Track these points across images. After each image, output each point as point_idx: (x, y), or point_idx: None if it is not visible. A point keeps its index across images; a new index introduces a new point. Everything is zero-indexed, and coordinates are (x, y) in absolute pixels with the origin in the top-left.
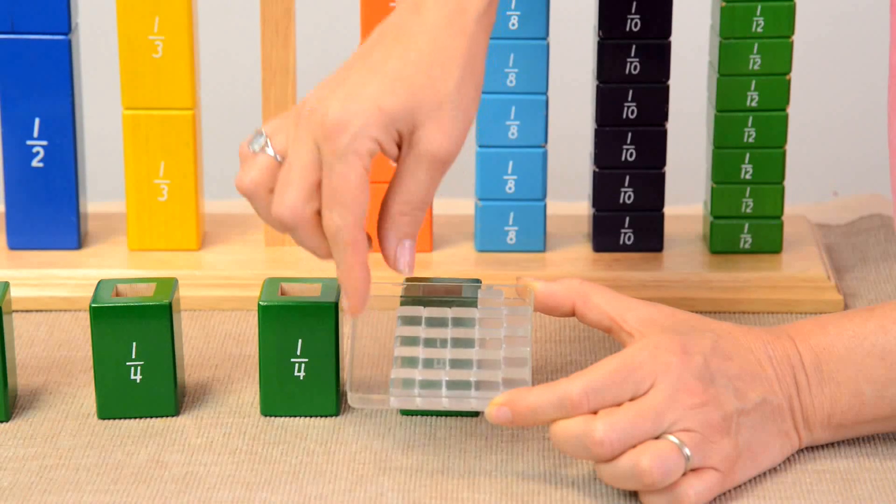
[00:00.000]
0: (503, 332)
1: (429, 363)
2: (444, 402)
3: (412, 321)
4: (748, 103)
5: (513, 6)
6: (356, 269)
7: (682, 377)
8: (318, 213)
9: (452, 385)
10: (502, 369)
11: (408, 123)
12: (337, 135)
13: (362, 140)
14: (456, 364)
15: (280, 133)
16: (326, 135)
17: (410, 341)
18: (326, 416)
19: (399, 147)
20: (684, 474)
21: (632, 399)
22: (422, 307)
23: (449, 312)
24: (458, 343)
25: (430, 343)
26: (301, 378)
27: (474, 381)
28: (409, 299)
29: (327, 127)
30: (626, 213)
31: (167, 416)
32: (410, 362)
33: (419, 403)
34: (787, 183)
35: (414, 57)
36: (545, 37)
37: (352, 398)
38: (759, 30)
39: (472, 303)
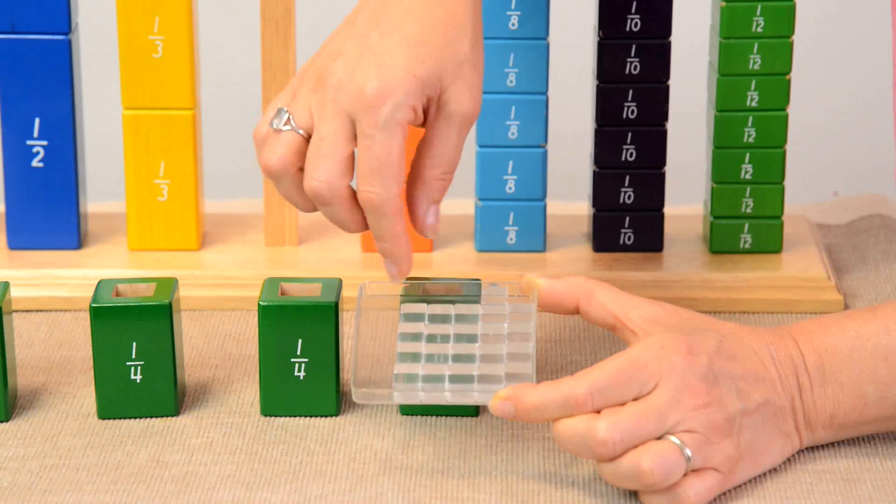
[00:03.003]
0: (506, 329)
1: (431, 358)
2: (447, 395)
3: (415, 318)
4: (748, 103)
5: (513, 6)
6: (403, 237)
7: (686, 378)
8: (351, 185)
9: (455, 379)
10: (505, 364)
11: (436, 88)
12: (378, 106)
13: (404, 109)
14: (458, 359)
15: (299, 108)
16: (365, 107)
17: (413, 337)
18: (326, 416)
19: (425, 113)
20: (685, 475)
21: (636, 398)
22: (425, 304)
23: (452, 309)
24: (461, 339)
25: (432, 339)
26: (301, 378)
27: (477, 375)
28: (411, 297)
29: (366, 99)
30: (626, 213)
31: (167, 416)
32: (413, 358)
33: (422, 398)
34: (787, 183)
35: (429, 21)
36: (545, 37)
37: (356, 393)
38: (759, 30)
39: (475, 299)
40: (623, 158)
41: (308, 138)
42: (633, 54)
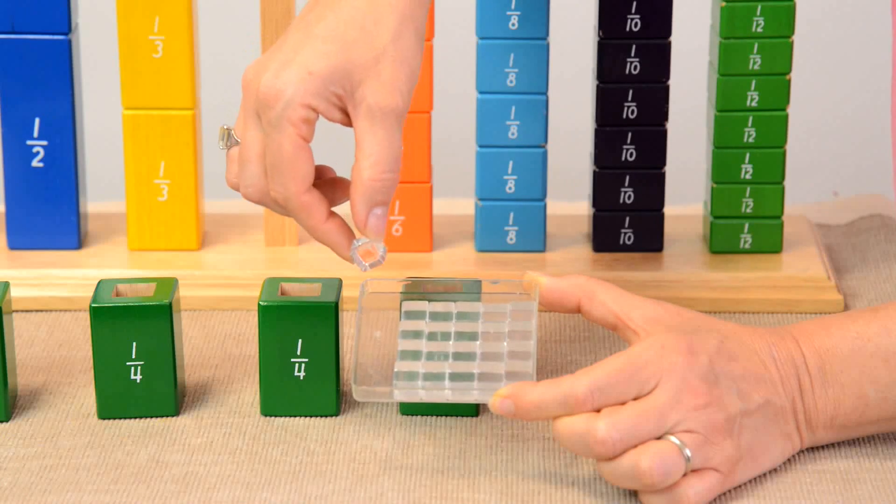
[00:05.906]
0: (507, 327)
1: (431, 356)
2: (447, 394)
3: (416, 315)
4: (748, 103)
5: (513, 6)
6: (320, 230)
7: (686, 378)
8: None
9: (455, 377)
10: (505, 362)
11: (345, 83)
12: (270, 105)
13: (293, 108)
14: (459, 357)
15: (238, 120)
16: (261, 106)
17: (414, 335)
18: (326, 416)
19: (344, 111)
20: (685, 475)
21: (636, 398)
22: (426, 302)
23: (453, 307)
24: (462, 336)
25: (433, 337)
26: (301, 378)
27: (477, 374)
28: (412, 295)
29: (261, 98)
30: (626, 213)
31: (167, 416)
32: (414, 355)
33: (422, 396)
34: (787, 183)
35: (347, 14)
36: (545, 37)
37: (356, 391)
38: (759, 30)
39: (475, 297)
40: (623, 158)
41: None
42: (633, 54)
